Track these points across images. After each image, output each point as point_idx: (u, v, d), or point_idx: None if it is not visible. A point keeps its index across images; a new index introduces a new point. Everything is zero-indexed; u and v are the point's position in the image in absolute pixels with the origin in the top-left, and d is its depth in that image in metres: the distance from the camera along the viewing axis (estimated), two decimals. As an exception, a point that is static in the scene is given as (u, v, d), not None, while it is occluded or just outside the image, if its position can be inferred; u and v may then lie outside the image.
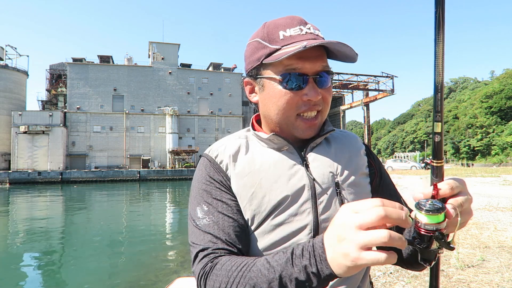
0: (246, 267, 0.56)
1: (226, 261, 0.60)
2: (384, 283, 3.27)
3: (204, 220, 0.67)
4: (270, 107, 0.73)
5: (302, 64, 0.68)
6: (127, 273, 6.97)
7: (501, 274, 3.19)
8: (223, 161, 0.74)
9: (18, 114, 48.94)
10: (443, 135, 0.51)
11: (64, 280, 6.80)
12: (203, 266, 0.62)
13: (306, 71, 0.69)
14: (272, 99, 0.72)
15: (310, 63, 0.69)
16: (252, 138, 0.80)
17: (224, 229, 0.66)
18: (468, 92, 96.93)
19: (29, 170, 45.50)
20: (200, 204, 0.70)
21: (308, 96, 0.69)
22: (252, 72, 0.75)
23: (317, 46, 0.69)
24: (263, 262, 0.55)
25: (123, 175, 45.20)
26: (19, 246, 9.75)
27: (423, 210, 0.48)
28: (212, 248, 0.64)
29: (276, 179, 0.70)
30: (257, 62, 0.72)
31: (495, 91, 70.58)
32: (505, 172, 23.17)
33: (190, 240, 0.68)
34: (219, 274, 0.58)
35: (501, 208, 7.55)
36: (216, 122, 58.72)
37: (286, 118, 0.72)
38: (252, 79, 0.76)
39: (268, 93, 0.72)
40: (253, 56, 0.74)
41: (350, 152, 0.78)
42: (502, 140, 64.45)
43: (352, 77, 45.91)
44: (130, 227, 12.84)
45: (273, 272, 0.52)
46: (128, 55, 76.40)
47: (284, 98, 0.70)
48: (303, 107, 0.71)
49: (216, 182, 0.72)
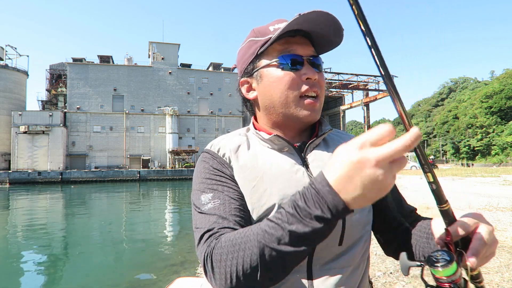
0: (250, 232, 0.55)
1: (230, 234, 0.59)
2: (384, 283, 3.27)
3: (209, 205, 0.67)
4: (272, 92, 0.74)
5: (295, 47, 0.72)
6: (127, 273, 6.97)
7: (501, 274, 3.19)
8: (225, 154, 0.74)
9: (18, 114, 48.93)
10: (438, 182, 0.49)
11: (64, 280, 6.79)
12: (208, 244, 0.60)
13: (300, 53, 0.72)
14: (273, 84, 0.73)
15: (301, 47, 0.73)
16: (252, 137, 0.80)
17: (230, 210, 0.65)
18: (468, 92, 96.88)
19: (29, 170, 45.48)
20: (205, 191, 0.69)
21: (307, 74, 0.72)
22: (248, 68, 0.78)
23: (303, 36, 0.74)
24: (267, 223, 0.54)
25: (123, 175, 45.18)
26: (19, 246, 9.75)
27: (432, 266, 0.48)
28: (218, 227, 0.62)
29: (277, 177, 0.70)
30: (252, 56, 0.76)
31: (495, 91, 70.55)
32: (505, 172, 23.16)
33: (195, 226, 0.67)
34: (224, 246, 0.57)
35: (501, 208, 7.55)
36: (216, 122, 58.70)
37: (289, 98, 0.73)
38: (248, 76, 0.79)
39: (268, 81, 0.74)
40: (246, 54, 0.77)
41: None
42: (502, 140, 64.42)
43: (352, 77, 45.94)
44: (130, 227, 12.83)
45: (281, 229, 0.51)
46: (128, 55, 76.51)
47: (284, 79, 0.72)
48: (304, 87, 0.72)
49: (219, 172, 0.72)
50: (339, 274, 0.69)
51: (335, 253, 0.69)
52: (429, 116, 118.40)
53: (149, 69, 56.51)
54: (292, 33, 0.72)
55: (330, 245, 0.69)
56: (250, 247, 0.53)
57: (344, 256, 0.70)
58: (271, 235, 0.52)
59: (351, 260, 0.71)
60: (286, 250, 0.51)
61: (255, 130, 0.80)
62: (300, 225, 0.49)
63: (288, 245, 0.51)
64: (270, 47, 0.74)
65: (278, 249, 0.51)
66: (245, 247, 0.54)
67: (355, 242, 0.72)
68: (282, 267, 0.53)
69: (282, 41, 0.73)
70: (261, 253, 0.52)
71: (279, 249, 0.51)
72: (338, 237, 0.69)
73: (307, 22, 0.69)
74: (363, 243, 0.74)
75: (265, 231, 0.53)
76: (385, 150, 0.43)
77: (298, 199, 0.51)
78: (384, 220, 0.80)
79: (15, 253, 9.07)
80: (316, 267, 0.68)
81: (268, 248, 0.52)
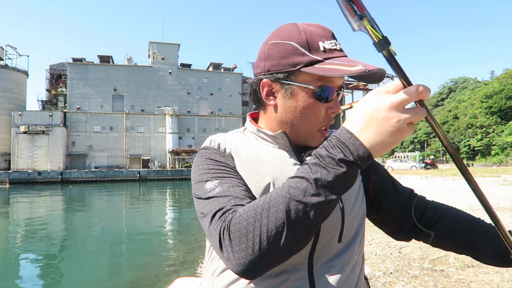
0: (272, 193, 0.53)
1: (248, 204, 0.55)
2: (384, 283, 3.27)
3: (217, 189, 0.63)
4: (296, 115, 0.71)
5: (335, 79, 0.69)
6: (127, 273, 6.97)
7: (501, 274, 3.19)
8: (226, 148, 0.73)
9: (18, 114, 48.95)
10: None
11: (64, 280, 6.80)
12: (224, 220, 0.55)
13: (335, 85, 0.70)
14: (301, 110, 0.70)
15: (340, 79, 0.71)
16: (251, 136, 0.78)
17: (241, 192, 0.62)
18: (468, 92, 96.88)
19: (29, 170, 45.51)
20: (209, 180, 0.65)
21: (332, 109, 0.71)
22: (279, 75, 0.70)
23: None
24: (289, 180, 0.53)
25: (123, 175, 45.22)
26: (19, 246, 9.75)
27: None
28: (231, 205, 0.58)
29: (280, 173, 0.70)
30: (291, 67, 0.68)
31: (495, 91, 70.58)
32: (505, 172, 23.17)
33: (201, 213, 0.62)
34: (243, 214, 0.53)
35: (501, 208, 7.54)
36: (216, 122, 58.72)
37: (310, 128, 0.72)
38: (276, 82, 0.72)
39: (297, 102, 0.70)
40: (285, 59, 0.69)
41: None
42: (502, 140, 64.44)
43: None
44: (130, 227, 12.84)
45: (305, 180, 0.50)
46: (128, 55, 76.48)
47: (313, 109, 0.70)
48: (326, 121, 0.71)
49: (222, 163, 0.69)
50: (339, 272, 0.69)
51: (335, 251, 0.70)
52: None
53: (149, 69, 56.52)
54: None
55: (330, 243, 0.69)
56: (274, 205, 0.51)
57: (343, 254, 0.70)
58: (295, 188, 0.50)
59: (350, 257, 0.72)
60: (312, 201, 0.49)
61: (256, 128, 0.78)
62: (325, 172, 0.49)
63: (315, 195, 0.49)
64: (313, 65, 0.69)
65: (304, 201, 0.49)
66: (268, 206, 0.51)
67: (352, 238, 0.73)
68: (308, 225, 0.50)
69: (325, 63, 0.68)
70: (287, 208, 0.50)
71: (305, 201, 0.49)
72: (337, 234, 0.69)
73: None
74: (360, 239, 0.75)
75: (289, 186, 0.51)
76: (397, 95, 0.47)
77: (319, 150, 0.52)
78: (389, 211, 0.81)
79: (15, 253, 9.07)
80: (317, 265, 0.68)
81: (294, 201, 0.50)
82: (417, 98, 0.47)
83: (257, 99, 0.77)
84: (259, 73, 0.74)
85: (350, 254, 0.71)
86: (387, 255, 4.21)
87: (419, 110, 0.48)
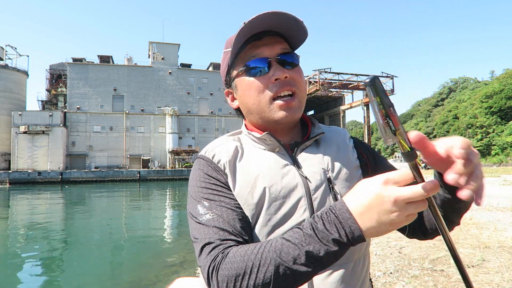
0: (263, 249, 0.55)
1: (238, 249, 0.58)
2: (384, 283, 3.26)
3: (207, 216, 0.66)
4: (247, 101, 0.76)
5: (261, 50, 0.73)
6: (127, 273, 6.97)
7: (501, 274, 3.19)
8: (220, 160, 0.74)
9: (18, 114, 48.92)
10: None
11: (64, 280, 6.79)
12: (213, 258, 0.59)
13: (266, 55, 0.72)
14: (246, 92, 0.75)
15: (268, 48, 0.73)
16: (245, 139, 0.81)
17: (229, 221, 0.65)
18: (468, 92, 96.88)
19: (29, 170, 45.48)
20: (201, 201, 0.69)
21: (274, 75, 0.72)
22: (227, 79, 0.81)
23: (273, 35, 0.74)
24: (282, 241, 0.54)
25: (123, 175, 45.19)
26: (19, 246, 9.75)
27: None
28: (220, 239, 0.62)
29: (269, 179, 0.71)
30: (226, 68, 0.78)
31: (495, 91, 70.58)
32: (505, 172, 23.17)
33: (193, 236, 0.66)
34: (233, 261, 0.56)
35: (501, 208, 7.55)
36: (216, 122, 58.70)
37: (262, 104, 0.73)
38: (228, 87, 0.82)
39: (241, 89, 0.76)
40: (223, 65, 0.80)
41: (339, 147, 0.80)
42: (502, 140, 64.43)
43: (352, 77, 45.94)
44: (130, 227, 12.83)
45: (298, 249, 0.52)
46: (128, 55, 76.53)
47: (253, 85, 0.73)
48: (274, 88, 0.72)
49: (215, 179, 0.72)
50: (339, 271, 0.69)
51: None
52: (429, 116, 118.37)
53: (149, 69, 56.50)
54: (259, 35, 0.73)
55: None
56: (265, 264, 0.53)
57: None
58: (287, 254, 0.52)
59: (351, 255, 0.71)
60: (300, 270, 0.52)
61: (247, 131, 0.81)
62: (317, 246, 0.51)
63: (303, 265, 0.52)
64: (238, 55, 0.75)
65: (293, 268, 0.52)
66: (259, 264, 0.54)
67: None
68: (291, 286, 0.54)
69: (249, 46, 0.73)
70: (275, 270, 0.53)
71: (294, 268, 0.52)
72: None
73: (261, 24, 0.69)
74: None
75: (282, 250, 0.53)
76: (404, 191, 0.46)
77: (317, 221, 0.53)
78: None
79: (15, 253, 9.07)
80: None
81: (284, 266, 0.52)
82: (424, 197, 0.47)
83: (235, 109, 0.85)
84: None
85: (351, 251, 0.69)
86: (387, 255, 4.21)
87: (422, 204, 0.48)
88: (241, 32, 0.69)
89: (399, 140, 0.45)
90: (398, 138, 0.45)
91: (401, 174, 0.48)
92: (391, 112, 0.44)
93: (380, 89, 0.44)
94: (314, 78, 44.15)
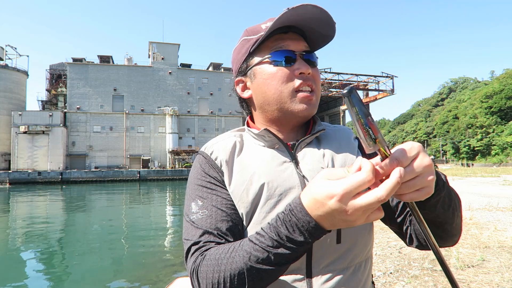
0: (234, 251, 0.58)
1: (214, 250, 0.61)
2: (384, 283, 3.26)
3: (198, 215, 0.68)
4: (266, 89, 0.74)
5: (287, 43, 0.73)
6: (127, 273, 6.97)
7: (501, 274, 3.19)
8: (218, 157, 0.75)
9: (18, 114, 48.95)
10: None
11: (64, 280, 6.79)
12: (194, 260, 0.62)
13: (293, 48, 0.73)
14: (267, 81, 0.73)
15: (294, 42, 0.73)
16: (246, 136, 0.80)
17: (217, 223, 0.67)
18: (468, 92, 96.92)
19: (29, 170, 45.51)
20: (195, 199, 0.71)
21: (300, 69, 0.71)
22: (242, 67, 0.78)
23: (295, 33, 0.74)
24: (251, 245, 0.56)
25: (123, 175, 45.21)
26: (19, 246, 9.75)
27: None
28: (204, 241, 0.64)
29: (266, 177, 0.70)
30: (245, 55, 0.76)
31: (495, 91, 70.61)
32: (505, 172, 23.18)
33: (184, 237, 0.69)
34: (209, 264, 0.59)
35: (501, 208, 7.55)
36: (216, 122, 58.71)
37: (284, 94, 0.72)
38: (242, 75, 0.79)
39: (261, 78, 0.74)
40: (240, 53, 0.78)
41: (341, 146, 0.79)
42: (502, 140, 64.47)
43: (352, 77, 45.97)
44: (130, 227, 12.83)
45: (266, 252, 0.54)
46: (128, 55, 76.60)
47: (277, 74, 0.72)
48: (298, 81, 0.72)
49: (211, 178, 0.73)
50: (339, 275, 0.67)
51: (335, 253, 0.68)
52: (429, 116, 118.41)
53: (149, 69, 56.51)
54: (285, 29, 0.73)
55: (328, 244, 0.67)
56: (235, 268, 0.56)
57: (344, 256, 0.68)
58: (256, 257, 0.55)
59: (352, 260, 0.69)
60: (269, 270, 0.55)
61: (248, 127, 0.81)
62: (283, 248, 0.53)
63: (272, 265, 0.55)
64: (262, 44, 0.74)
65: (262, 269, 0.55)
66: (230, 267, 0.56)
67: (354, 238, 0.70)
68: (265, 281, 0.57)
69: (275, 37, 0.73)
70: (248, 274, 0.56)
71: (263, 268, 0.55)
72: (335, 234, 0.67)
73: (297, 16, 0.69)
74: (364, 239, 0.72)
75: (250, 253, 0.55)
76: (361, 202, 0.46)
77: (279, 226, 0.54)
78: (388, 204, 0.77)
79: (15, 253, 9.07)
80: (315, 269, 0.67)
81: (254, 269, 0.55)
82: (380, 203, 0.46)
83: (241, 101, 0.83)
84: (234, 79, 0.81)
85: (352, 256, 0.69)
86: (387, 255, 4.21)
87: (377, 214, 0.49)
88: (282, 17, 0.67)
89: (379, 148, 0.46)
90: (378, 146, 0.46)
91: (357, 183, 0.46)
92: (369, 121, 0.45)
93: (357, 100, 0.45)
94: (314, 78, 44.16)
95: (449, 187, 0.62)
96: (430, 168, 0.50)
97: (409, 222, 0.74)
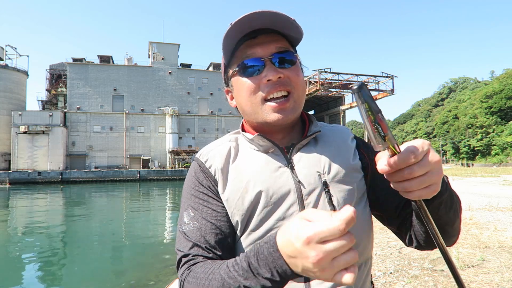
0: (212, 273, 0.58)
1: (198, 268, 0.62)
2: (384, 283, 3.26)
3: (189, 226, 0.69)
4: (241, 101, 0.74)
5: (253, 50, 0.70)
6: (127, 273, 6.97)
7: (501, 274, 3.19)
8: (212, 165, 0.74)
9: (18, 114, 48.95)
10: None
11: (64, 280, 6.80)
12: (182, 273, 0.64)
13: (260, 54, 0.70)
14: (239, 93, 0.73)
15: (263, 47, 0.70)
16: (241, 141, 0.80)
17: (206, 235, 0.67)
18: (468, 92, 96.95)
19: (29, 170, 45.50)
20: (187, 209, 0.72)
21: (267, 76, 0.69)
22: (225, 79, 0.80)
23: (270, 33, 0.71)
24: (227, 271, 0.56)
25: (123, 175, 45.21)
26: (19, 246, 9.75)
27: None
28: (192, 254, 0.66)
29: (261, 184, 0.69)
30: (224, 67, 0.78)
31: (495, 91, 70.62)
32: (505, 172, 23.19)
33: (176, 247, 0.70)
34: (191, 281, 0.61)
35: (501, 208, 7.54)
36: (216, 122, 58.72)
37: (254, 105, 0.72)
38: (227, 86, 0.80)
39: (236, 89, 0.75)
40: (223, 64, 0.79)
41: (338, 147, 0.76)
42: (502, 140, 64.49)
43: (352, 77, 45.95)
44: (130, 227, 12.83)
45: (237, 282, 0.53)
46: (128, 55, 76.57)
47: (246, 85, 0.71)
48: (266, 89, 0.70)
49: (204, 187, 0.73)
50: None
51: None
52: (429, 116, 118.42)
53: (149, 69, 56.52)
54: (254, 33, 0.70)
55: None
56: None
57: None
58: (228, 284, 0.55)
59: None
60: None
61: (242, 131, 0.81)
62: (254, 281, 0.52)
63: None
64: (233, 56, 0.73)
65: None
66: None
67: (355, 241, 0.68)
68: None
69: (244, 45, 0.71)
70: None
71: None
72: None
73: (247, 26, 0.68)
74: (363, 239, 0.71)
75: (225, 279, 0.55)
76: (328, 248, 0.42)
77: (251, 256, 0.53)
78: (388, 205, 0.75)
79: (15, 253, 9.08)
80: None
81: None
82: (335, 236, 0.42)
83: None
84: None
85: None
86: (387, 255, 4.21)
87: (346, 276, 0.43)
88: (228, 33, 0.67)
89: (388, 145, 0.45)
90: (387, 143, 0.45)
91: (327, 230, 0.42)
92: (379, 118, 0.44)
93: (367, 95, 0.44)
94: (314, 78, 44.16)
95: (451, 189, 0.61)
96: (439, 164, 0.49)
97: (409, 223, 0.72)
